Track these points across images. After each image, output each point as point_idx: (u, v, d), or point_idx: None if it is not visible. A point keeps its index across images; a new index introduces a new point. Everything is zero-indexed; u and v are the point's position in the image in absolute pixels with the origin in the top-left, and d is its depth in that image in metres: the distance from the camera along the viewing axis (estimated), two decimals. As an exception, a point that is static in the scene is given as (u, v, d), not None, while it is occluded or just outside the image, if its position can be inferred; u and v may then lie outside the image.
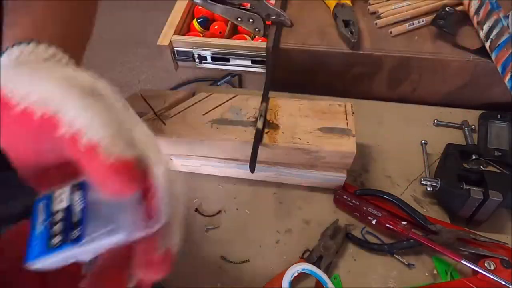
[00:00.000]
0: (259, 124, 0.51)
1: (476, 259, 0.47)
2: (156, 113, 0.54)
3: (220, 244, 0.54)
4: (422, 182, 0.53)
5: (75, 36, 0.35)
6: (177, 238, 0.23)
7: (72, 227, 0.21)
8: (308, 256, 0.50)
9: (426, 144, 0.61)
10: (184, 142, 0.53)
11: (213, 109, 0.55)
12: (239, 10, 0.66)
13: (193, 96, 0.58)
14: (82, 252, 0.21)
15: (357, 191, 0.55)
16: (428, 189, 0.53)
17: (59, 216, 0.22)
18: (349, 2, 0.68)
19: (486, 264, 0.46)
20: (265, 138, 0.51)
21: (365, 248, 0.52)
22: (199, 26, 0.80)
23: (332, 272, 0.50)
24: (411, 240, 0.49)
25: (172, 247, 0.23)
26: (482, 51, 0.61)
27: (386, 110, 0.68)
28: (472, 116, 0.65)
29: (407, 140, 0.63)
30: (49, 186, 0.23)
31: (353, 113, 0.54)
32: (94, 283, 0.23)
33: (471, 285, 0.45)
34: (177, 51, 0.71)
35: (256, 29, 0.68)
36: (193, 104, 0.56)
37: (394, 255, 0.51)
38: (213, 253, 0.53)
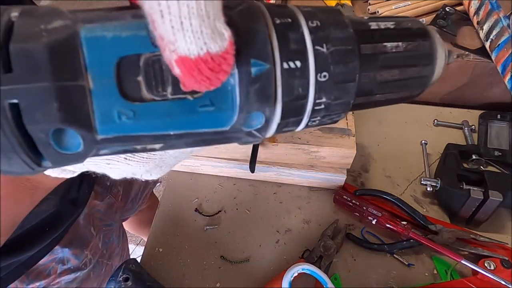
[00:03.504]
0: (259, 124, 0.51)
1: (476, 259, 0.47)
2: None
3: (220, 244, 0.54)
4: (422, 182, 0.54)
5: None
6: None
7: None
8: (308, 256, 0.50)
9: (426, 144, 0.61)
10: (184, 142, 0.53)
11: (213, 109, 0.55)
12: (239, 10, 0.65)
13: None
14: None
15: (357, 191, 0.55)
16: (428, 189, 0.53)
17: None
18: (349, 2, 0.68)
19: (486, 264, 0.46)
20: (265, 138, 0.51)
21: (365, 248, 0.52)
22: (199, 26, 0.80)
23: (332, 272, 0.50)
24: (411, 240, 0.49)
25: None
26: (482, 51, 0.61)
27: (386, 110, 0.68)
28: (472, 116, 0.65)
29: (407, 140, 0.63)
30: None
31: (353, 113, 0.54)
32: None
33: (471, 285, 0.45)
34: (177, 51, 0.71)
35: (256, 29, 0.68)
36: (193, 104, 0.56)
37: (394, 255, 0.51)
38: (213, 253, 0.53)
